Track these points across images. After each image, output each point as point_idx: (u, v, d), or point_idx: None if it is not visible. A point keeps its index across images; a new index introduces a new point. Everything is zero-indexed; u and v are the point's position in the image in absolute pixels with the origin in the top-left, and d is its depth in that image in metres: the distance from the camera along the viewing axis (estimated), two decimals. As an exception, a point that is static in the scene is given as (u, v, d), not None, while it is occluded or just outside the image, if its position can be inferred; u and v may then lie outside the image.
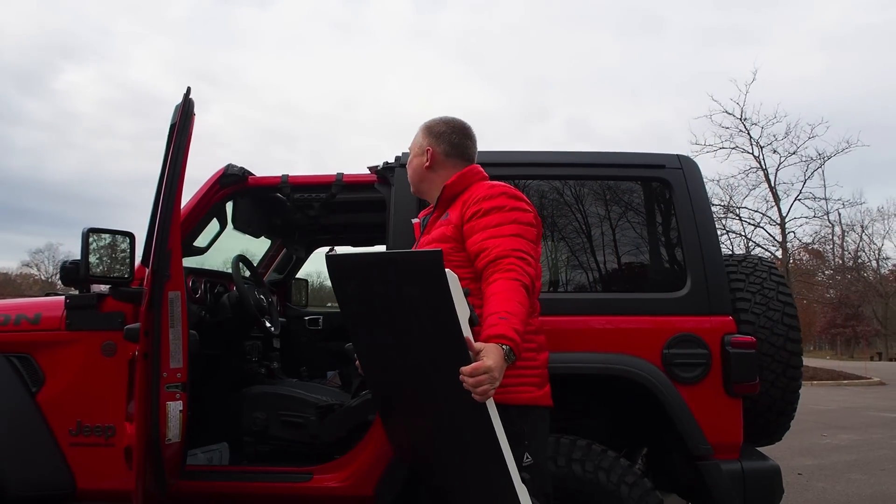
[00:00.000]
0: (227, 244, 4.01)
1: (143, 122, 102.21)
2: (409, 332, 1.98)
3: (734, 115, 22.93)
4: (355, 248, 4.98)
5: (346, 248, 5.21)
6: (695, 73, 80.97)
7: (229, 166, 3.28)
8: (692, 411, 2.75)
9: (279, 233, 4.56)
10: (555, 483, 2.32)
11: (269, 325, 3.79)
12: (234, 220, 3.89)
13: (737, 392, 2.82)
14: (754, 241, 23.92)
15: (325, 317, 4.72)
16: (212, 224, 3.65)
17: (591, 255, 3.11)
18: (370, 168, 3.26)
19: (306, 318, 4.71)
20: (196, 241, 3.48)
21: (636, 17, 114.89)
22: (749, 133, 23.12)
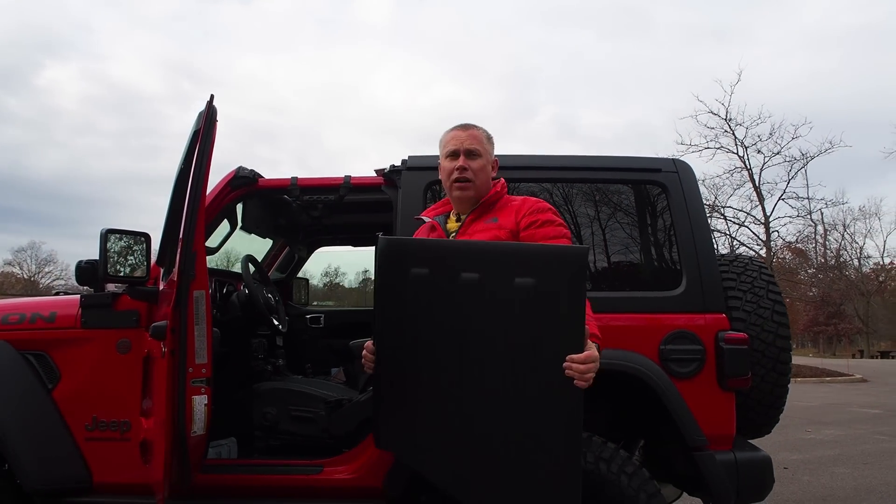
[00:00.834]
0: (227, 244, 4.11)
1: (125, 119, 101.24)
2: (508, 320, 2.04)
3: (719, 116, 23.22)
4: (355, 248, 5.09)
5: (341, 248, 5.35)
6: (680, 72, 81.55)
7: (240, 169, 3.37)
8: (688, 404, 2.88)
9: (284, 233, 4.65)
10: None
11: (276, 323, 3.88)
12: (244, 221, 3.98)
13: (730, 386, 2.95)
14: (739, 241, 24.21)
15: (327, 315, 4.81)
16: (222, 225, 3.75)
17: (591, 256, 3.23)
18: (377, 171, 3.37)
19: (308, 316, 4.80)
20: (207, 241, 3.57)
21: (623, 16, 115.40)
22: (734, 133, 23.42)
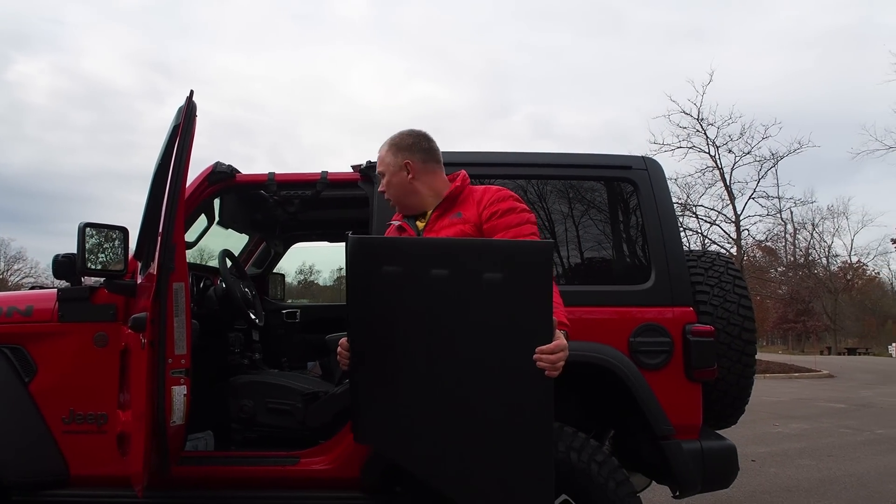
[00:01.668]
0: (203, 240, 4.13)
1: (96, 114, 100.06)
2: (477, 314, 2.09)
3: (691, 116, 23.51)
4: (331, 245, 5.13)
5: (317, 244, 5.38)
6: (655, 71, 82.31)
7: (218, 164, 3.39)
8: (656, 395, 2.97)
9: (261, 228, 4.67)
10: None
11: (253, 317, 3.91)
12: (221, 216, 4.01)
13: (697, 377, 3.05)
14: (710, 239, 24.53)
15: (303, 310, 4.85)
16: (200, 220, 3.77)
17: (561, 250, 3.30)
18: (354, 167, 3.41)
19: (284, 311, 4.83)
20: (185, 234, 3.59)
21: (598, 16, 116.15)
22: (705, 133, 23.72)
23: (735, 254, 23.90)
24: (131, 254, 3.11)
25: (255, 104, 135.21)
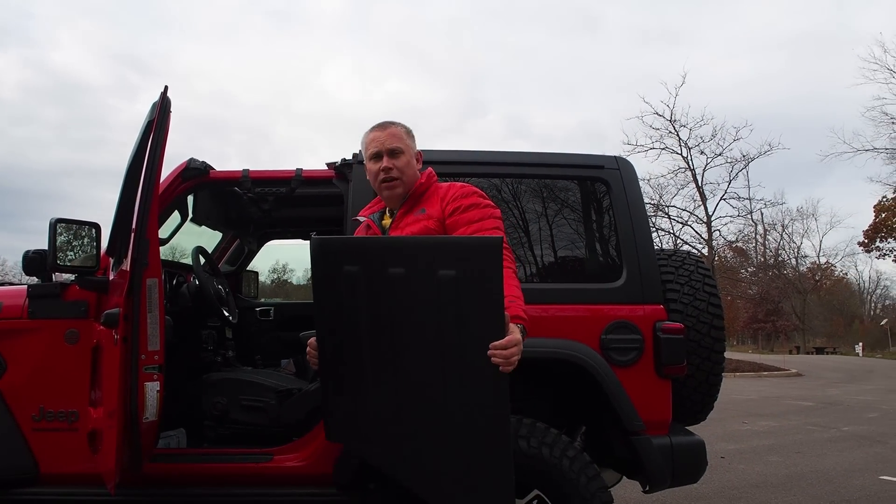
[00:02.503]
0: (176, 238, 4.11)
1: (66, 109, 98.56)
2: (433, 311, 2.11)
3: (664, 117, 23.78)
4: (305, 242, 5.11)
5: (290, 243, 5.37)
6: (629, 72, 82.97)
7: (191, 160, 3.38)
8: (627, 391, 3.01)
9: (234, 226, 4.65)
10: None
11: (227, 314, 3.90)
12: (195, 212, 3.98)
13: (666, 374, 3.10)
14: (682, 239, 24.84)
15: (277, 307, 4.84)
16: (173, 216, 3.75)
17: (534, 248, 3.34)
18: (328, 164, 3.41)
19: (257, 308, 4.81)
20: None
21: (574, 16, 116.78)
22: (678, 134, 24.02)
23: (706, 254, 24.20)
24: (103, 250, 3.09)
25: (228, 101, 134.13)
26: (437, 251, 2.14)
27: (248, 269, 5.15)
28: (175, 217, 3.81)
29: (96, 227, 2.98)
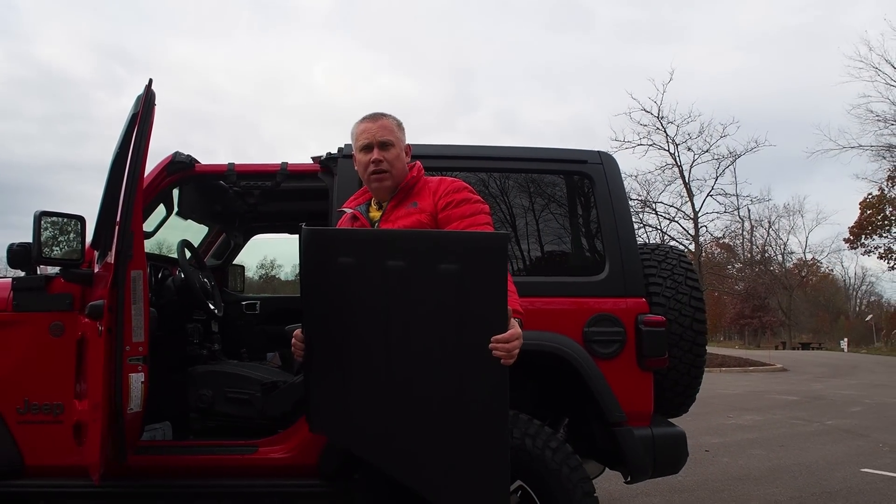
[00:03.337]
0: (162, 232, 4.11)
1: (52, 103, 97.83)
2: (433, 305, 2.12)
3: (652, 114, 23.87)
4: (291, 236, 5.13)
5: (277, 236, 5.38)
6: (619, 68, 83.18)
7: (177, 154, 3.39)
8: (609, 383, 3.05)
9: (220, 220, 4.66)
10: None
11: (212, 307, 3.91)
12: (180, 206, 3.99)
13: (648, 366, 3.14)
14: (669, 235, 24.95)
15: (263, 301, 4.85)
16: (158, 210, 3.75)
17: (519, 242, 3.37)
18: (314, 158, 3.43)
19: (243, 302, 4.82)
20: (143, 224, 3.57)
21: (565, 11, 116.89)
22: (665, 131, 24.11)
23: (693, 250, 24.34)
24: (88, 243, 3.09)
25: (216, 95, 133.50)
26: (440, 245, 2.16)
27: (234, 263, 5.15)
28: (160, 211, 3.82)
29: (81, 220, 2.99)
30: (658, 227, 25.24)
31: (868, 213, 40.13)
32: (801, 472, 6.16)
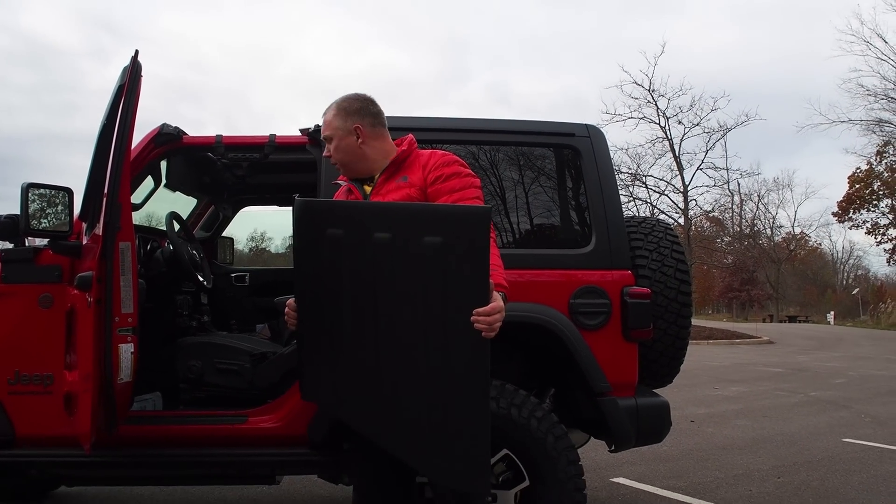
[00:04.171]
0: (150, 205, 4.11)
1: (38, 74, 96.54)
2: (418, 277, 2.14)
3: (643, 87, 23.85)
4: (281, 209, 5.13)
5: (266, 208, 5.38)
6: (613, 41, 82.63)
7: (164, 125, 3.37)
8: (594, 354, 3.10)
9: (208, 192, 4.65)
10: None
11: (202, 279, 3.92)
12: (168, 178, 3.98)
13: (633, 337, 3.19)
14: (659, 208, 25.04)
15: (252, 274, 4.86)
16: (146, 182, 3.75)
17: (506, 214, 3.39)
18: (302, 130, 3.42)
19: (233, 274, 4.83)
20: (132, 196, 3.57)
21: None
22: (656, 104, 24.13)
23: (683, 224, 24.45)
24: (76, 215, 3.09)
25: (205, 67, 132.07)
26: (424, 218, 2.17)
27: (223, 235, 5.15)
28: (149, 183, 3.81)
29: (69, 192, 2.99)
30: (648, 201, 25.33)
31: (856, 187, 40.41)
32: (784, 442, 6.28)
